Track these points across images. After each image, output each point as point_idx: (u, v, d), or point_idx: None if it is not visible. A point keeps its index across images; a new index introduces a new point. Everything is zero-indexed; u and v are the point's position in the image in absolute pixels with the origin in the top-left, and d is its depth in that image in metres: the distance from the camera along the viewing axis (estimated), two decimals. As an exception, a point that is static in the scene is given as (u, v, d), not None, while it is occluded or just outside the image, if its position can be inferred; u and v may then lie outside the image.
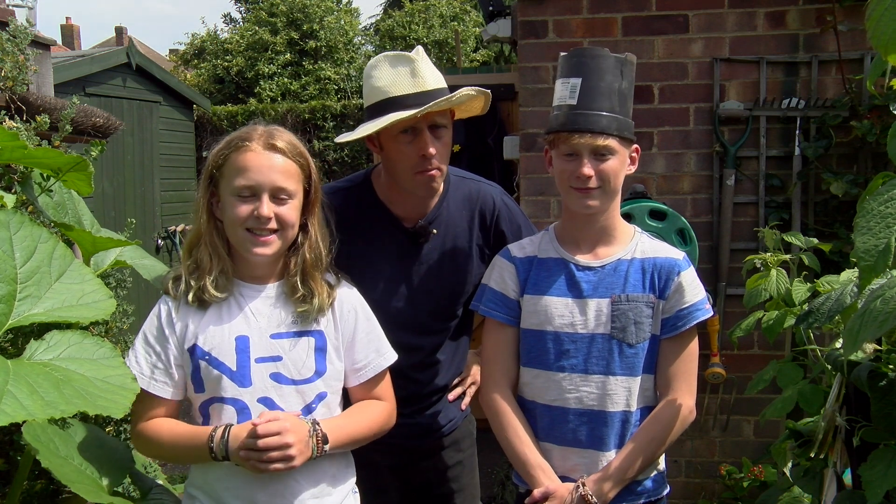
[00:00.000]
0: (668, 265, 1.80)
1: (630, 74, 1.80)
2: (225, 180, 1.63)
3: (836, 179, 3.15)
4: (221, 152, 1.65)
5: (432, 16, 16.29)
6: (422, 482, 2.17)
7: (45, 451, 1.33)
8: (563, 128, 1.76)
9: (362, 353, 1.73)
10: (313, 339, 1.67)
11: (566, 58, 1.81)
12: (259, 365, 1.62)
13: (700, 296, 1.81)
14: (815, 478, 1.82)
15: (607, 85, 1.75)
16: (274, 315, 1.66)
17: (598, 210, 1.78)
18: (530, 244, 1.91)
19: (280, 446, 1.52)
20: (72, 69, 6.74)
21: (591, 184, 1.74)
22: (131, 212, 7.57)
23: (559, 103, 1.79)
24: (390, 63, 1.89)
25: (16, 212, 1.46)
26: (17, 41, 2.69)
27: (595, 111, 1.73)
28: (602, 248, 1.83)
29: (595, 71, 1.76)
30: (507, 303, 1.86)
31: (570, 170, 1.75)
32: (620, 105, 1.77)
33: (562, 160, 1.78)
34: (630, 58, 1.81)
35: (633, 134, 1.80)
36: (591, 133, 1.72)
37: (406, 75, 1.88)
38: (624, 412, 1.79)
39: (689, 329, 1.79)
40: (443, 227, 2.03)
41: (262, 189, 1.61)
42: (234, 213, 1.61)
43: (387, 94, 1.87)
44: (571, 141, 1.74)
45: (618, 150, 1.75)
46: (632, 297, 1.78)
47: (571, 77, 1.77)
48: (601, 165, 1.74)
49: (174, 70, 16.23)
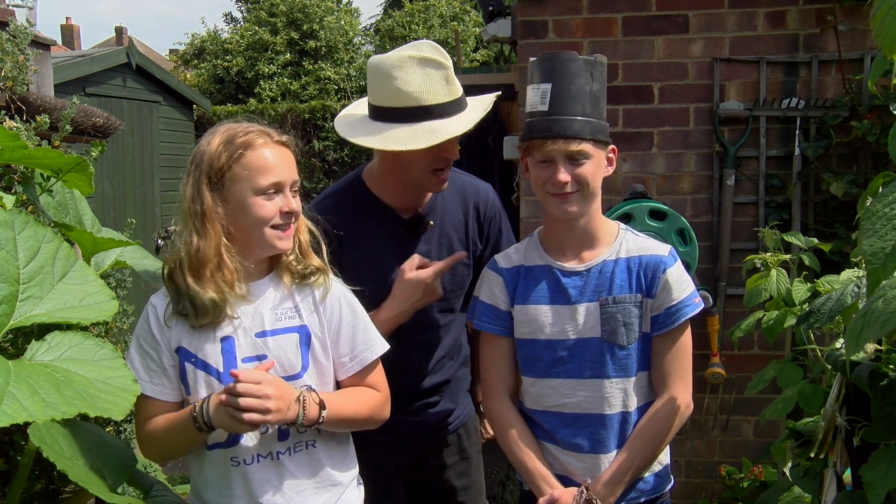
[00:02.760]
0: (654, 263, 1.79)
1: (601, 76, 1.78)
2: (242, 182, 1.59)
3: (836, 179, 3.15)
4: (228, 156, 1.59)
5: (432, 16, 16.29)
6: (429, 479, 2.17)
7: (53, 453, 1.33)
8: (535, 135, 1.75)
9: (348, 346, 1.72)
10: (297, 334, 1.67)
11: (535, 63, 1.79)
12: (246, 364, 1.62)
13: (688, 290, 1.80)
14: (815, 478, 1.82)
15: (578, 88, 1.74)
16: (258, 313, 1.65)
17: (578, 214, 1.78)
18: (516, 253, 1.90)
19: (259, 395, 1.50)
20: (72, 69, 6.74)
21: (567, 189, 1.73)
22: (131, 212, 7.56)
23: (531, 110, 1.77)
24: (419, 65, 1.83)
25: (20, 211, 1.46)
26: (17, 41, 2.69)
27: (567, 116, 1.72)
28: (586, 251, 1.83)
29: (565, 75, 1.74)
30: (499, 314, 1.86)
31: (546, 176, 1.75)
32: (593, 108, 1.75)
33: (537, 167, 1.77)
34: (600, 59, 1.79)
35: (607, 135, 1.79)
36: (564, 139, 1.71)
37: (440, 82, 1.84)
38: (622, 413, 1.80)
39: (680, 325, 1.80)
40: (439, 217, 2.04)
41: (286, 184, 1.63)
42: (260, 213, 1.60)
43: (419, 102, 1.83)
44: (545, 147, 1.73)
45: (592, 153, 1.74)
46: (619, 298, 1.78)
47: (542, 83, 1.76)
48: (577, 170, 1.73)
49: (174, 70, 16.22)
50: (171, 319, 1.63)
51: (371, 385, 1.75)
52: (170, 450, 1.68)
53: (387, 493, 2.04)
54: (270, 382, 1.53)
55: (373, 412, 1.74)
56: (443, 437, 2.15)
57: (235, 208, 1.61)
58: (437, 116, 1.82)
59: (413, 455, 2.11)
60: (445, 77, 1.84)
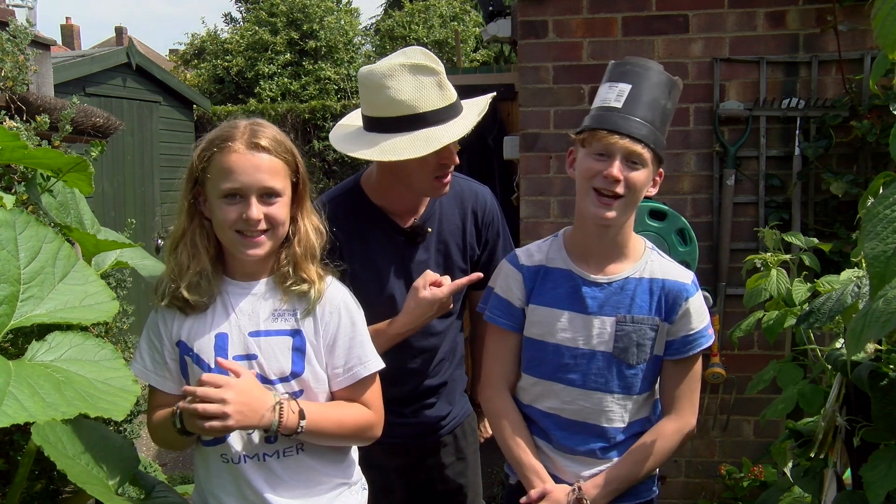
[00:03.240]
0: (677, 290, 1.77)
1: (675, 98, 1.77)
2: (210, 182, 1.60)
3: (836, 179, 3.15)
4: (204, 153, 1.60)
5: (432, 16, 16.28)
6: (427, 480, 2.18)
7: (55, 453, 1.33)
8: (601, 125, 1.70)
9: (342, 358, 1.68)
10: (290, 338, 1.65)
11: (617, 64, 1.78)
12: (235, 363, 1.61)
13: (705, 322, 1.80)
14: (815, 478, 1.82)
15: (654, 99, 1.72)
16: (255, 313, 1.65)
17: (615, 223, 1.73)
18: (538, 251, 1.86)
19: (218, 400, 1.48)
20: (72, 69, 6.74)
21: (617, 188, 1.68)
22: (131, 212, 7.56)
23: (601, 104, 1.74)
24: (410, 72, 1.81)
25: (21, 211, 1.45)
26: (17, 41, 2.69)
27: (639, 119, 1.69)
28: (612, 264, 1.79)
29: (646, 82, 1.72)
30: (512, 311, 1.85)
31: (599, 169, 1.69)
32: (661, 123, 1.73)
33: (590, 158, 1.71)
34: (679, 83, 1.78)
35: (664, 155, 1.76)
36: (630, 137, 1.67)
37: (433, 88, 1.82)
38: (620, 427, 1.80)
39: (694, 354, 1.80)
40: (436, 224, 2.04)
41: (250, 191, 1.57)
42: (222, 217, 1.59)
43: (414, 110, 1.80)
44: (608, 140, 1.68)
45: (648, 163, 1.70)
46: (637, 318, 1.76)
47: (620, 82, 1.73)
48: (631, 174, 1.69)
49: (174, 70, 16.22)
50: (175, 312, 1.65)
51: (364, 403, 1.71)
52: (170, 443, 1.68)
53: (386, 494, 2.05)
54: (232, 387, 1.50)
55: (359, 429, 1.69)
56: (439, 438, 2.16)
57: (210, 208, 1.63)
58: (433, 123, 1.81)
59: (411, 456, 2.12)
60: (438, 82, 1.82)
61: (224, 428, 1.50)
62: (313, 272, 1.67)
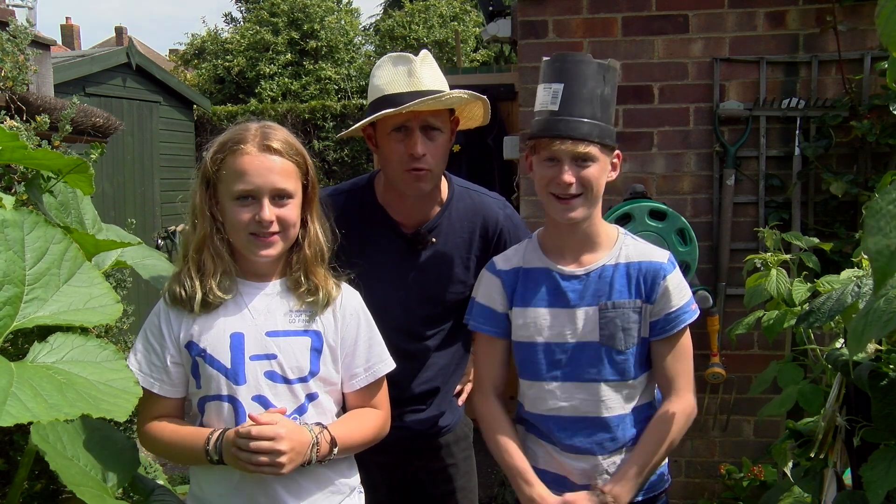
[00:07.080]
0: (654, 269, 1.79)
1: (613, 80, 1.79)
2: (223, 184, 1.62)
3: (836, 179, 3.15)
4: (216, 156, 1.63)
5: (432, 16, 16.28)
6: (413, 481, 2.17)
7: (52, 452, 1.32)
8: (543, 133, 1.75)
9: (362, 359, 1.72)
10: (309, 338, 1.66)
11: (549, 63, 1.80)
12: (253, 363, 1.62)
13: (686, 297, 1.81)
14: (815, 478, 1.82)
15: (589, 91, 1.74)
16: (272, 312, 1.66)
17: (581, 219, 1.78)
18: (515, 254, 1.90)
19: (271, 452, 1.50)
20: (72, 69, 6.75)
21: (571, 190, 1.73)
22: (131, 212, 7.56)
23: (541, 108, 1.78)
24: (392, 62, 1.95)
25: (31, 212, 1.45)
26: (17, 41, 2.69)
27: (576, 117, 1.72)
28: (586, 255, 1.83)
29: (577, 77, 1.74)
30: (495, 317, 1.87)
31: (551, 176, 1.75)
32: (602, 111, 1.75)
33: (542, 166, 1.77)
34: (612, 64, 1.80)
35: (614, 140, 1.79)
36: (571, 139, 1.71)
37: (403, 74, 1.92)
38: (619, 416, 1.80)
39: (679, 330, 1.80)
40: (442, 236, 2.04)
41: (262, 193, 1.60)
42: (235, 219, 1.61)
43: (382, 92, 1.91)
44: (552, 147, 1.73)
45: (598, 156, 1.74)
46: (618, 303, 1.78)
47: (553, 82, 1.76)
48: (582, 172, 1.73)
49: (174, 70, 16.23)
50: (183, 313, 1.64)
51: (376, 403, 1.76)
52: (171, 459, 1.68)
53: (369, 490, 2.04)
54: (283, 438, 1.51)
55: (377, 433, 1.75)
56: (427, 443, 2.15)
57: (222, 209, 1.64)
58: (394, 105, 1.87)
59: (396, 455, 2.10)
60: (409, 70, 1.92)
61: (274, 466, 1.51)
62: (322, 274, 1.70)
